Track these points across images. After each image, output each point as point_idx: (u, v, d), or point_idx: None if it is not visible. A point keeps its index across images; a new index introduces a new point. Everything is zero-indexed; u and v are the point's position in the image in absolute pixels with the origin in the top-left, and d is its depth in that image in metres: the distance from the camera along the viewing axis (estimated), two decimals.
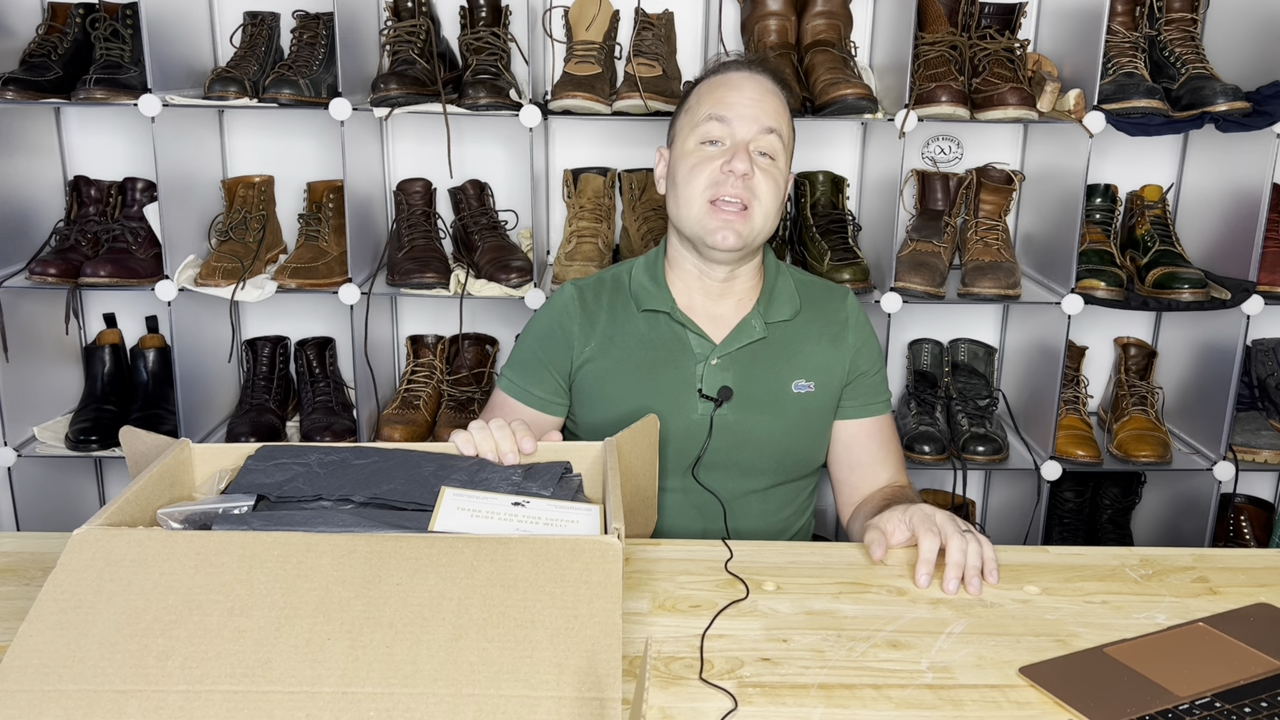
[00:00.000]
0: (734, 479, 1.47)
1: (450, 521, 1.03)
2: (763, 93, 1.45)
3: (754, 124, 1.42)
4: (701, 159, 1.43)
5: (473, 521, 1.04)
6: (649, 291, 1.51)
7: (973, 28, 2.16)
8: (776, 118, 1.44)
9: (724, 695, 0.95)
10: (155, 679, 0.84)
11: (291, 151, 2.33)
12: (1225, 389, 2.16)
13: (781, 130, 1.44)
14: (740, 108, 1.42)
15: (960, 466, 2.18)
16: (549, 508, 1.08)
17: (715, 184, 1.41)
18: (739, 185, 1.40)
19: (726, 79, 1.46)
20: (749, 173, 1.40)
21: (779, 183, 1.44)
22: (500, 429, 1.19)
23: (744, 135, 1.42)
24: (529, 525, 1.04)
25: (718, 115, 1.42)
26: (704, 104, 1.45)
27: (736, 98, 1.43)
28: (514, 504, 1.07)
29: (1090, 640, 1.06)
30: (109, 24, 2.11)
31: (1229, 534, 2.34)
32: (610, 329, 1.51)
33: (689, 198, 1.43)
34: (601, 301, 1.53)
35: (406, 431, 2.14)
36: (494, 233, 2.24)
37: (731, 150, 1.41)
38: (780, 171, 1.45)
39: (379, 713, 0.82)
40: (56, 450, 2.18)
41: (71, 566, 0.91)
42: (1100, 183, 2.27)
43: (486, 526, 1.03)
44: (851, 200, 2.33)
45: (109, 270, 2.08)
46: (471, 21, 2.16)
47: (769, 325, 1.49)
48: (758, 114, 1.42)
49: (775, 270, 1.55)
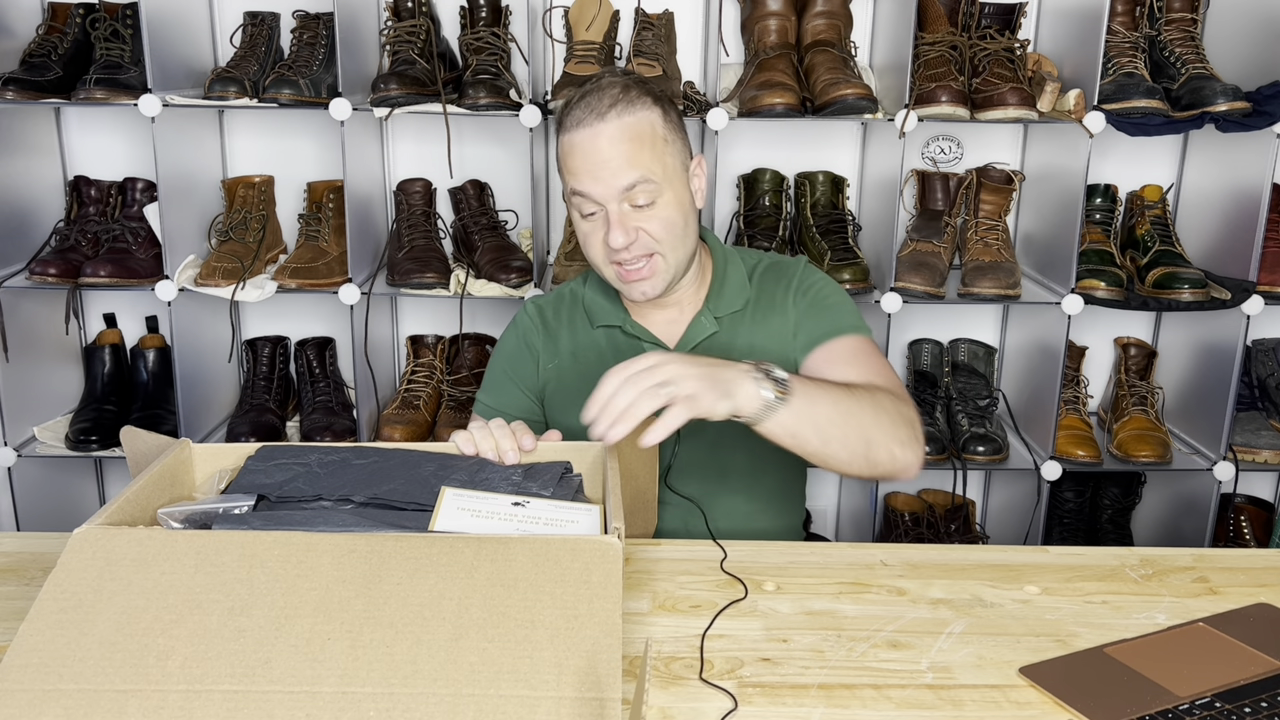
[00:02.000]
0: (710, 481, 1.46)
1: (450, 521, 1.03)
2: (611, 142, 1.35)
3: (612, 187, 1.35)
4: (588, 231, 1.40)
5: (473, 521, 1.04)
6: (602, 307, 1.51)
7: (973, 28, 2.16)
8: (634, 163, 1.35)
9: (724, 695, 0.95)
10: (155, 678, 0.84)
11: (291, 151, 2.33)
12: (1225, 389, 2.16)
13: (646, 168, 1.35)
14: (596, 178, 1.35)
15: (960, 466, 2.18)
16: (549, 508, 1.08)
17: (609, 254, 1.39)
18: (628, 253, 1.37)
19: (572, 144, 1.37)
20: (628, 242, 1.36)
21: (670, 218, 1.38)
22: (500, 428, 1.19)
23: (610, 202, 1.36)
24: (529, 525, 1.04)
25: (579, 191, 1.37)
26: (566, 172, 1.40)
27: (587, 166, 1.36)
28: (514, 504, 1.07)
29: (1090, 640, 1.06)
30: (109, 24, 2.11)
31: (1229, 534, 2.34)
32: (571, 344, 1.52)
33: (595, 264, 1.43)
34: (561, 317, 1.54)
35: (406, 431, 2.14)
36: (494, 233, 2.24)
37: (605, 221, 1.37)
38: (668, 203, 1.38)
39: (379, 712, 0.82)
40: (56, 450, 2.18)
41: (71, 566, 0.91)
42: (1100, 183, 2.27)
43: (487, 526, 1.03)
44: (851, 200, 2.33)
45: (109, 270, 2.08)
46: (471, 21, 2.16)
47: (719, 319, 1.48)
48: (612, 175, 1.35)
49: (724, 261, 1.52)
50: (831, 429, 1.21)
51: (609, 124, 1.35)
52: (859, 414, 1.24)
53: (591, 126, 1.35)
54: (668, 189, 1.37)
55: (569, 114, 1.38)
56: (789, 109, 2.00)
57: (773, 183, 2.28)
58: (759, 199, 2.28)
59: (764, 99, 2.00)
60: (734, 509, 1.49)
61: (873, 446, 1.25)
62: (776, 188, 2.28)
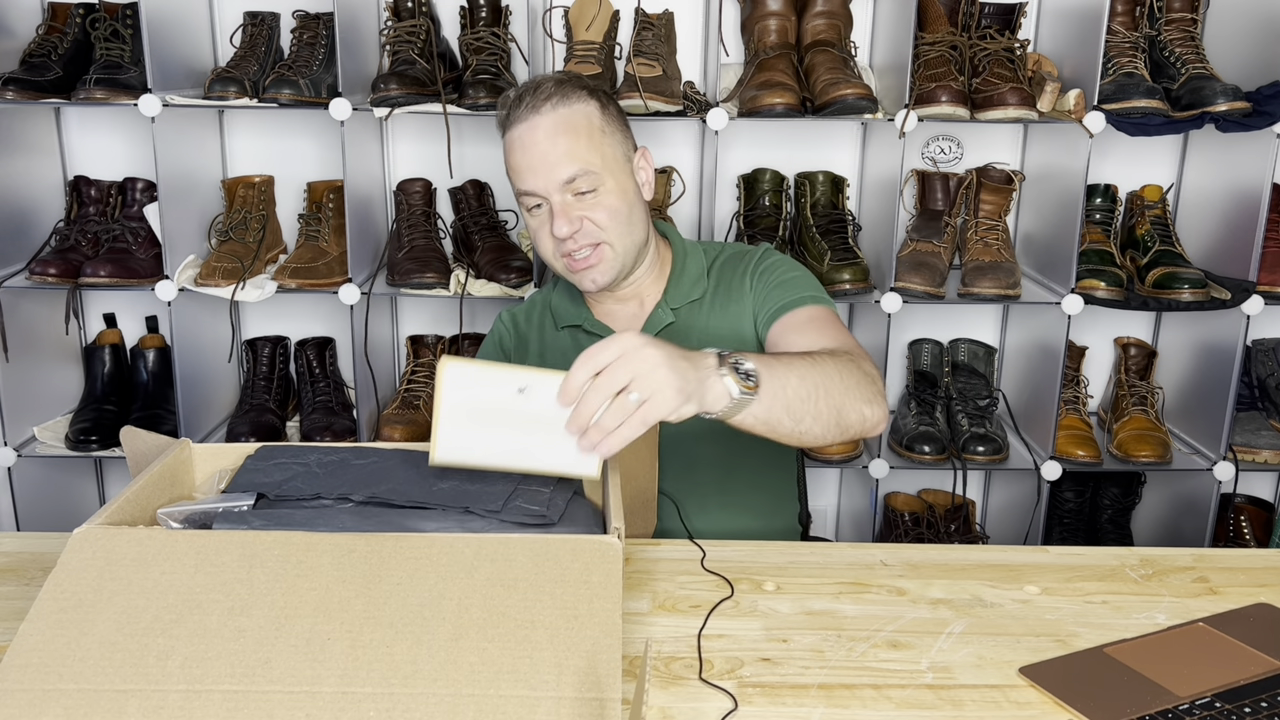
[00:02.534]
0: (684, 474, 1.45)
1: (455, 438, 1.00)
2: (550, 134, 1.38)
3: (552, 179, 1.38)
4: (536, 226, 1.44)
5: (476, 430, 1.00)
6: (565, 308, 1.56)
7: (973, 28, 2.16)
8: (571, 156, 1.38)
9: (724, 695, 0.95)
10: (155, 678, 0.84)
11: (291, 151, 2.33)
12: (1225, 389, 2.16)
13: (584, 159, 1.38)
14: (533, 171, 1.39)
15: (960, 466, 2.18)
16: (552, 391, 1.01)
17: (557, 246, 1.42)
18: (573, 242, 1.40)
19: (512, 139, 1.41)
20: (575, 228, 1.39)
21: (613, 205, 1.40)
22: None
23: (552, 194, 1.39)
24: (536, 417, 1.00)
25: (521, 185, 1.41)
26: (510, 170, 1.43)
27: (527, 161, 1.39)
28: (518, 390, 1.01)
29: (1090, 640, 1.06)
30: (109, 24, 2.11)
31: (1229, 534, 2.34)
32: (540, 348, 1.57)
33: (546, 258, 1.46)
34: (532, 322, 1.60)
35: (406, 431, 2.14)
36: (494, 233, 2.24)
37: (548, 214, 1.40)
38: (611, 191, 1.40)
39: (379, 713, 0.82)
40: (56, 450, 2.18)
41: (71, 566, 0.91)
42: (1100, 183, 2.27)
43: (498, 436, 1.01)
44: (851, 200, 2.33)
45: (109, 270, 2.08)
46: (471, 21, 2.16)
47: (676, 310, 1.49)
48: (551, 167, 1.38)
49: (683, 254, 1.54)
50: (803, 406, 1.17)
51: (544, 117, 1.39)
52: (826, 383, 1.20)
53: (528, 121, 1.40)
54: (609, 178, 1.41)
55: (510, 110, 1.42)
56: (789, 109, 2.00)
57: (773, 183, 2.28)
58: (759, 199, 2.28)
59: (764, 99, 2.00)
60: (709, 507, 1.47)
61: (843, 412, 1.21)
62: (776, 188, 2.28)
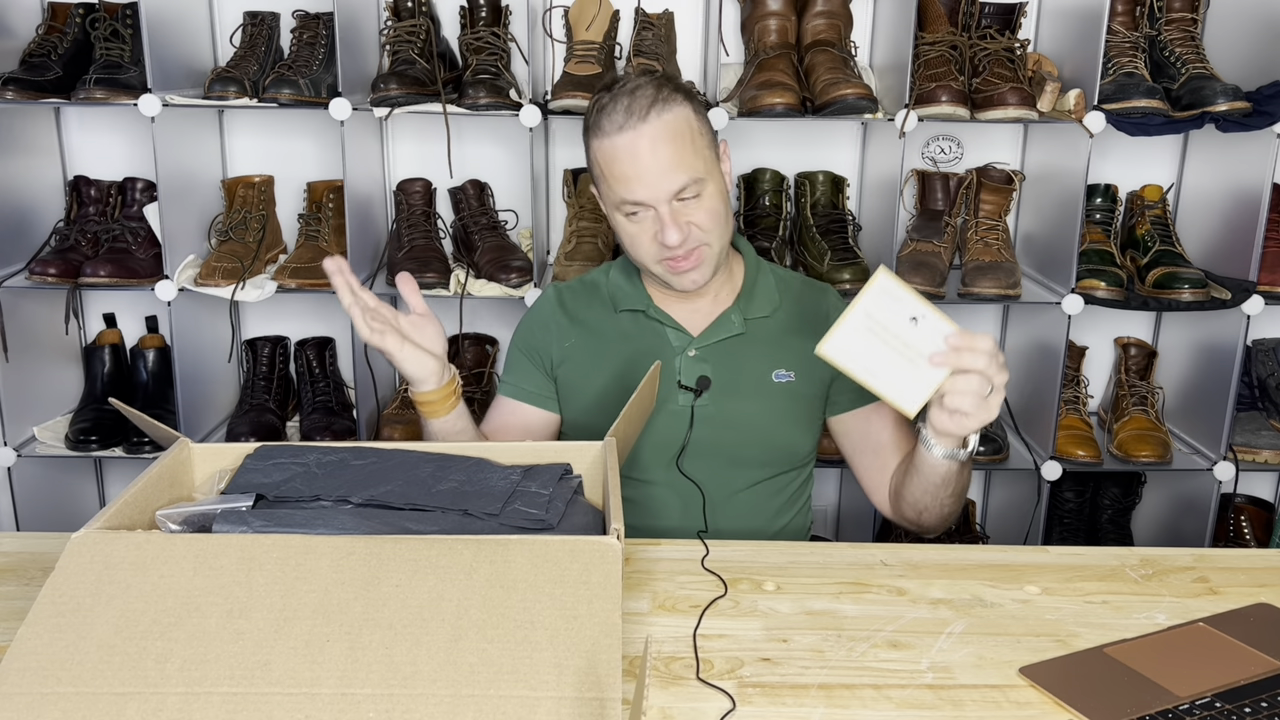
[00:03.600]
0: (718, 470, 1.47)
1: (846, 338, 1.19)
2: (654, 146, 1.35)
3: (664, 189, 1.36)
4: (635, 233, 1.41)
5: (864, 339, 1.18)
6: (625, 292, 1.54)
7: (973, 28, 2.16)
8: (680, 164, 1.36)
9: (725, 695, 0.95)
10: (154, 681, 0.84)
11: (291, 151, 2.33)
12: (1225, 389, 2.16)
13: (691, 166, 1.37)
14: (643, 181, 1.36)
15: None
16: (935, 329, 1.18)
17: (658, 251, 1.40)
18: (681, 249, 1.39)
19: (614, 150, 1.37)
20: (683, 238, 1.38)
21: (714, 207, 1.40)
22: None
23: (660, 204, 1.37)
24: (908, 345, 1.18)
25: (629, 196, 1.38)
26: (609, 179, 1.39)
27: (634, 170, 1.36)
28: (912, 318, 1.18)
29: (1090, 640, 1.06)
30: (109, 24, 2.11)
31: (1229, 534, 2.34)
32: (591, 327, 1.54)
33: (640, 261, 1.45)
34: (581, 301, 1.57)
35: (406, 431, 2.14)
36: (494, 233, 2.24)
37: (657, 220, 1.38)
38: (711, 194, 1.40)
39: (378, 714, 0.82)
40: (56, 450, 2.18)
41: (70, 569, 0.91)
42: (1100, 183, 2.27)
43: (873, 349, 1.19)
44: (851, 200, 2.33)
45: (109, 270, 2.08)
46: (471, 21, 2.16)
47: (748, 321, 1.50)
48: (661, 176, 1.36)
49: (755, 268, 1.55)
50: (961, 489, 1.38)
51: (650, 125, 1.36)
52: (964, 492, 1.41)
53: (633, 130, 1.36)
54: (710, 181, 1.40)
55: (604, 118, 1.38)
56: (789, 109, 2.00)
57: (773, 182, 2.28)
58: (759, 199, 2.28)
59: (764, 99, 2.00)
60: (738, 507, 1.50)
61: (952, 516, 1.43)
62: (776, 188, 2.28)
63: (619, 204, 1.40)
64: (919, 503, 1.39)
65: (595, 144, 1.40)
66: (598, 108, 1.40)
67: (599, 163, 1.41)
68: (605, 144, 1.38)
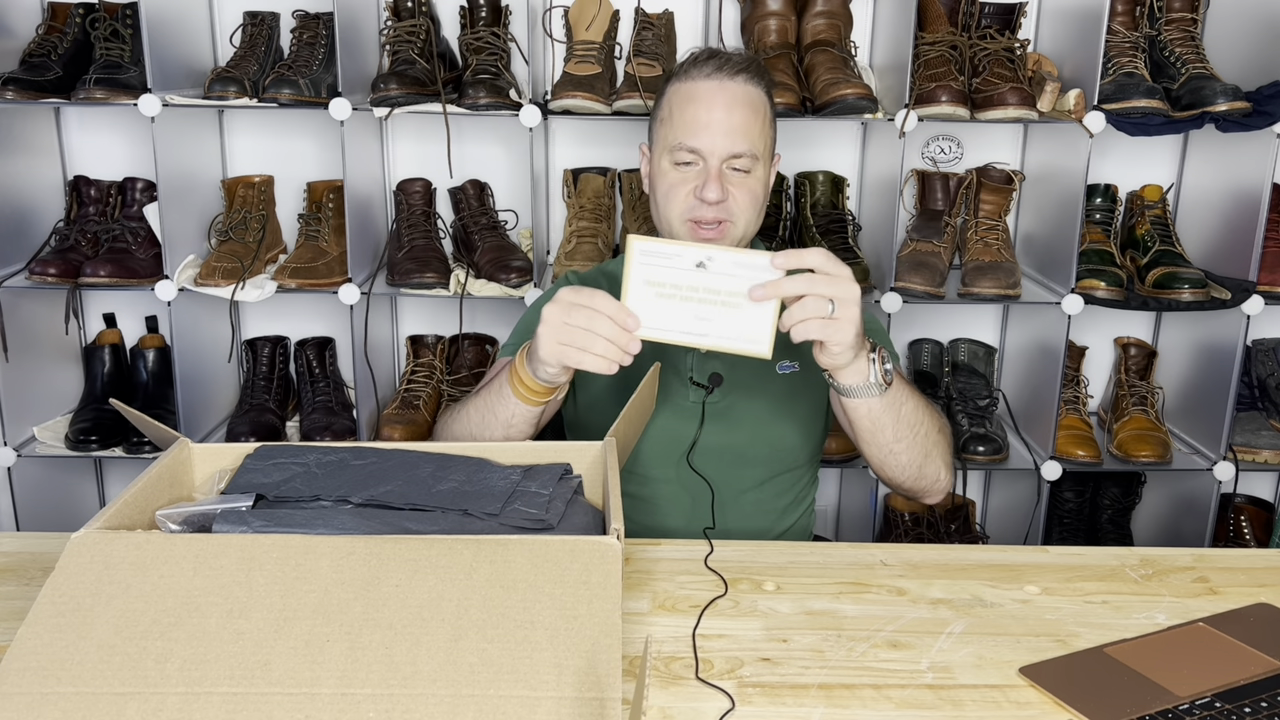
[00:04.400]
0: (726, 468, 1.47)
1: (640, 314, 1.15)
2: (732, 104, 1.41)
3: (724, 146, 1.40)
4: (676, 181, 1.43)
5: (661, 305, 1.14)
6: None
7: (973, 28, 2.16)
8: (747, 132, 1.41)
9: (724, 695, 0.95)
10: (154, 681, 0.84)
11: (291, 151, 2.33)
12: (1225, 389, 2.16)
13: (755, 141, 1.42)
14: (710, 130, 1.40)
15: (960, 466, 2.18)
16: (729, 264, 1.14)
17: (691, 208, 1.42)
18: (714, 209, 1.41)
19: (695, 91, 1.42)
20: (723, 198, 1.40)
21: (756, 191, 1.44)
22: (597, 316, 1.18)
23: (715, 158, 1.40)
24: (714, 291, 1.14)
25: (688, 140, 1.41)
26: (675, 120, 1.43)
27: (706, 117, 1.40)
28: (697, 264, 1.14)
29: (1090, 640, 1.06)
30: (109, 24, 2.11)
31: (1229, 534, 2.34)
32: None
33: (668, 217, 1.46)
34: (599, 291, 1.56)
35: (406, 431, 2.14)
36: (494, 233, 2.24)
37: (704, 174, 1.41)
38: (758, 179, 1.44)
39: (378, 714, 0.82)
40: (56, 450, 2.18)
41: (70, 570, 0.91)
42: (1100, 183, 2.27)
43: (678, 311, 1.14)
44: (851, 200, 2.33)
45: (109, 270, 2.08)
46: (471, 21, 2.16)
47: None
48: (728, 134, 1.40)
49: None
50: (906, 429, 1.29)
51: (737, 85, 1.42)
52: (929, 427, 1.34)
53: (717, 81, 1.41)
54: (761, 167, 1.44)
55: (695, 65, 1.44)
56: (789, 109, 2.00)
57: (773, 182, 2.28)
58: None
59: None
60: (744, 506, 1.50)
61: (929, 459, 1.35)
62: (776, 187, 2.28)
63: (675, 147, 1.42)
64: (873, 457, 1.35)
65: (675, 85, 1.45)
66: (692, 57, 1.46)
67: (671, 103, 1.45)
68: (686, 86, 1.43)
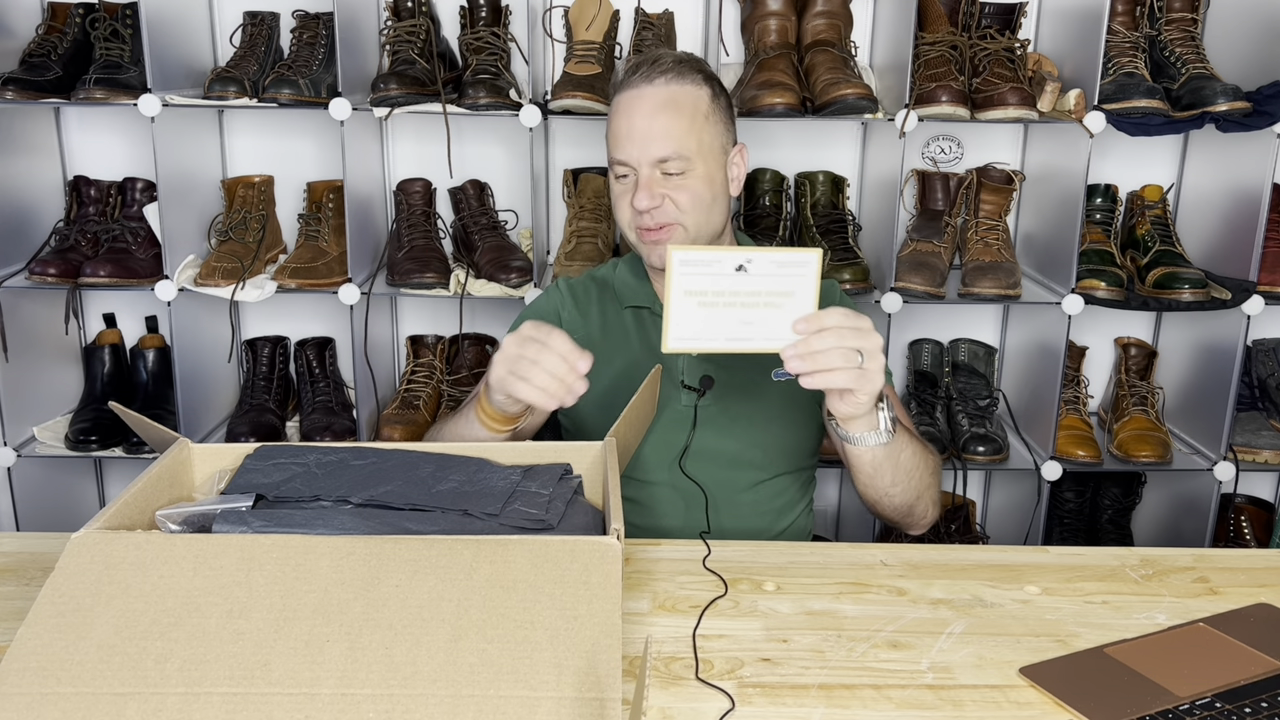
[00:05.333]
0: (720, 470, 1.47)
1: (684, 325, 1.13)
2: (653, 110, 1.40)
3: (647, 153, 1.41)
4: (619, 193, 1.46)
5: (704, 314, 1.13)
6: (631, 288, 1.56)
7: (973, 28, 2.16)
8: (669, 135, 1.40)
9: (724, 695, 0.95)
10: (154, 681, 0.84)
11: (291, 151, 2.33)
12: (1225, 389, 2.16)
13: (682, 142, 1.41)
14: (632, 141, 1.41)
15: (960, 466, 2.18)
16: (769, 265, 1.13)
17: (634, 217, 1.45)
18: (648, 217, 1.42)
19: (619, 103, 1.44)
20: (655, 204, 1.41)
21: (697, 189, 1.43)
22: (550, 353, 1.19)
23: (643, 166, 1.41)
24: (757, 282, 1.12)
25: (616, 154, 1.43)
26: (609, 135, 1.46)
27: (628, 127, 1.42)
28: (737, 268, 1.12)
29: (1090, 640, 1.06)
30: (109, 24, 2.11)
31: (1229, 534, 2.34)
32: (598, 323, 1.56)
33: (621, 226, 1.49)
34: (591, 296, 1.59)
35: (406, 431, 2.14)
36: (494, 233, 2.24)
37: (633, 184, 1.43)
38: (698, 177, 1.43)
39: (378, 714, 0.82)
40: (56, 450, 2.18)
41: (70, 570, 0.91)
42: (1100, 183, 2.27)
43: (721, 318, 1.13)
44: (851, 200, 2.33)
45: (109, 270, 2.08)
46: (471, 21, 2.16)
47: None
48: (647, 141, 1.40)
49: None
50: (903, 475, 1.32)
51: (655, 89, 1.41)
52: (923, 471, 1.36)
53: (637, 89, 1.42)
54: (700, 164, 1.43)
55: (626, 75, 1.44)
56: (789, 109, 2.00)
57: (773, 182, 2.28)
58: (759, 199, 2.28)
59: (764, 99, 2.00)
60: (739, 507, 1.49)
61: (920, 499, 1.38)
62: (776, 187, 2.28)
63: (611, 162, 1.45)
64: (867, 496, 1.37)
65: (613, 99, 1.46)
66: (626, 66, 1.46)
67: (609, 118, 1.47)
68: (617, 99, 1.45)
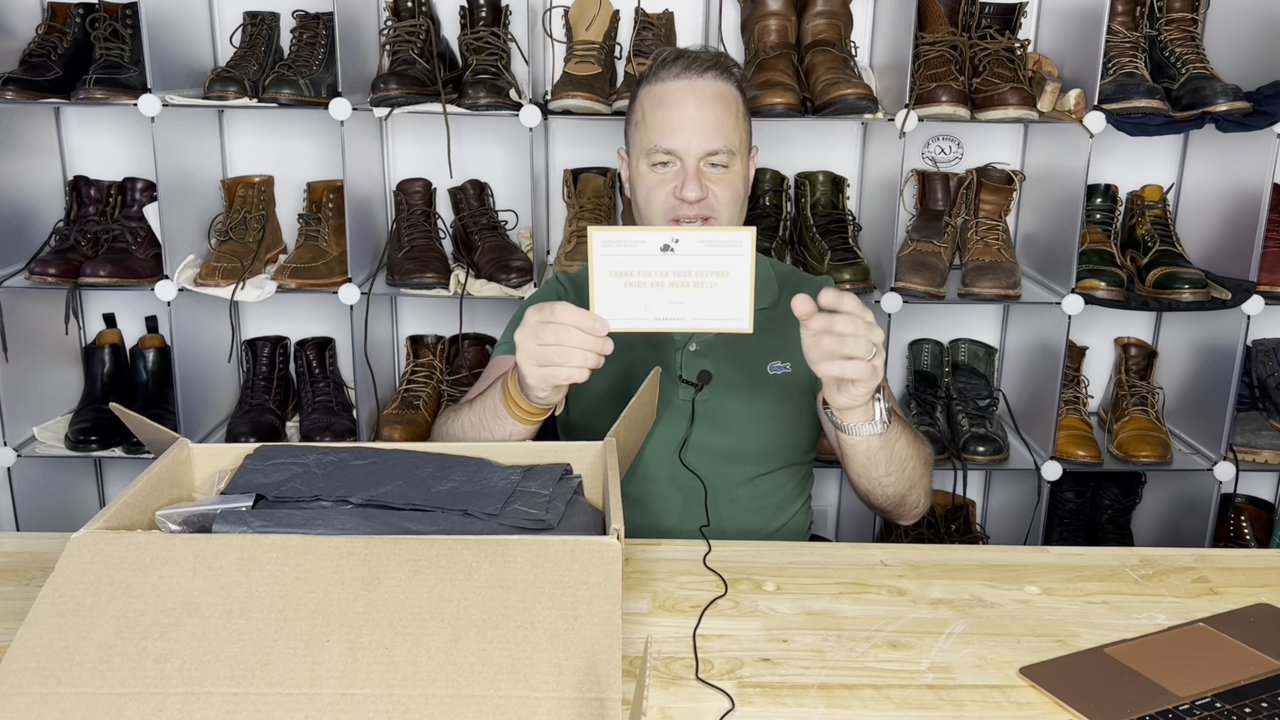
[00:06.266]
0: (718, 465, 1.47)
1: (610, 306, 1.14)
2: (703, 102, 1.42)
3: (699, 145, 1.41)
4: (655, 183, 1.45)
5: (631, 294, 1.14)
6: None
7: (973, 28, 2.16)
8: (720, 128, 1.42)
9: (724, 695, 0.95)
10: (154, 681, 0.84)
11: (291, 151, 2.33)
12: (1225, 389, 2.16)
13: (729, 136, 1.43)
14: (684, 131, 1.41)
15: (960, 467, 2.18)
16: (697, 244, 1.12)
17: (673, 207, 1.44)
18: (695, 207, 1.42)
19: (665, 93, 1.44)
20: (703, 196, 1.42)
21: (736, 185, 1.45)
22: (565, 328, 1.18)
23: (691, 157, 1.42)
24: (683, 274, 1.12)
25: (663, 143, 1.42)
26: (649, 124, 1.45)
27: (679, 118, 1.42)
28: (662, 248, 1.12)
29: (1090, 640, 1.06)
30: (109, 24, 2.11)
31: (1229, 534, 2.34)
32: None
33: (650, 219, 1.47)
34: (587, 291, 1.56)
35: (406, 431, 2.14)
36: (494, 233, 2.24)
37: (682, 174, 1.42)
38: (736, 173, 1.45)
39: (378, 714, 0.82)
40: (56, 450, 2.18)
41: (70, 570, 0.91)
42: (1100, 183, 2.27)
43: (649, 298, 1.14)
44: (852, 200, 2.33)
45: (109, 270, 2.08)
46: (471, 21, 2.16)
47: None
48: (701, 132, 1.41)
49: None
50: (896, 465, 1.33)
51: (706, 82, 1.43)
52: (916, 461, 1.36)
53: (689, 81, 1.43)
54: (739, 161, 1.46)
55: (663, 66, 1.44)
56: (789, 109, 2.00)
57: (773, 183, 2.28)
58: (759, 199, 2.28)
59: (764, 99, 2.00)
60: (737, 503, 1.49)
61: (913, 489, 1.38)
62: (776, 188, 2.28)
63: (651, 150, 1.44)
64: (860, 485, 1.38)
65: (646, 89, 1.46)
66: (659, 59, 1.46)
67: (643, 107, 1.46)
68: (657, 88, 1.44)
